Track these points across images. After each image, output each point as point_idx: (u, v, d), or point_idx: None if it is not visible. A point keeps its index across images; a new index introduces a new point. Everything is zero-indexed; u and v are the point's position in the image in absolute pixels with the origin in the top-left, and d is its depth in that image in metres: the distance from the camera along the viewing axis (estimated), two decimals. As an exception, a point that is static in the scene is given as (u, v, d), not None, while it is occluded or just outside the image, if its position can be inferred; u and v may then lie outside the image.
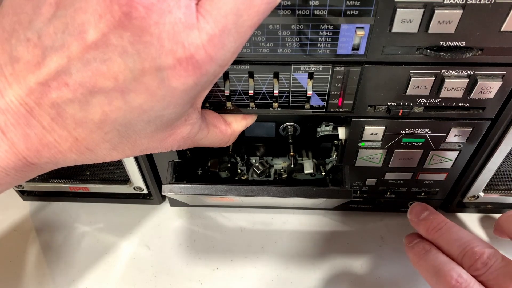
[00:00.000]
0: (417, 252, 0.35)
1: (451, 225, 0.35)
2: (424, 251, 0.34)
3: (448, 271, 0.31)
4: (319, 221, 0.51)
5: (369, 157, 0.40)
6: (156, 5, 0.19)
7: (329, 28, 0.28)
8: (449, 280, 0.30)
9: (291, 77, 0.32)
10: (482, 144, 0.38)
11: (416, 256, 0.35)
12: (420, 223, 0.37)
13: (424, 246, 0.35)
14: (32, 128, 0.22)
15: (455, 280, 0.30)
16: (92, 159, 0.25)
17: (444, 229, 0.35)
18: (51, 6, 0.20)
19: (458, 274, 0.30)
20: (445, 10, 0.27)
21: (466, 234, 0.33)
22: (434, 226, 0.35)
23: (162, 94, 0.22)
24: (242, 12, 0.21)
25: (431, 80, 0.32)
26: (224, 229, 0.51)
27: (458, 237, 0.33)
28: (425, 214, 0.37)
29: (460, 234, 0.33)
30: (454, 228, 0.34)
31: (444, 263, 0.32)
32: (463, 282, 0.30)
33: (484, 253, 0.31)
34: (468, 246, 0.32)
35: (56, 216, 0.53)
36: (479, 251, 0.31)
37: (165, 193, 0.38)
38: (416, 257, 0.35)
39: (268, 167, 0.46)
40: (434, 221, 0.35)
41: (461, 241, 0.33)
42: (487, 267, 0.30)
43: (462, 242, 0.32)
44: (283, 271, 0.46)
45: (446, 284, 0.30)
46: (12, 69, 0.21)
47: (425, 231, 0.36)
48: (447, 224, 0.35)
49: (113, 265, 0.48)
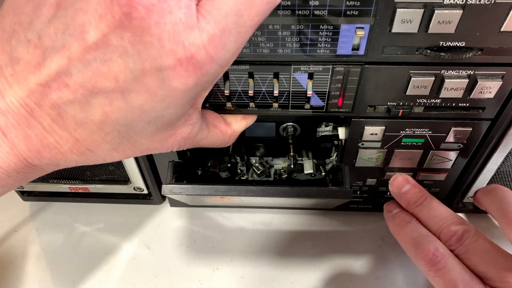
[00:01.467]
0: (398, 223, 0.36)
1: (430, 200, 0.36)
2: (404, 222, 0.36)
3: (426, 243, 0.33)
4: (319, 221, 0.51)
5: (369, 157, 0.40)
6: (157, 6, 0.19)
7: (329, 28, 0.28)
8: (427, 252, 0.32)
9: (291, 77, 0.33)
10: (482, 144, 0.38)
11: (397, 226, 0.36)
12: (402, 196, 0.38)
13: (404, 217, 0.36)
14: (33, 129, 0.22)
15: (432, 253, 0.32)
16: (93, 160, 0.25)
17: (424, 203, 0.36)
18: (52, 6, 0.20)
19: (435, 248, 0.32)
20: (445, 10, 0.27)
21: (444, 211, 0.35)
22: (415, 201, 0.36)
23: (162, 94, 0.22)
24: (243, 12, 0.21)
25: (431, 80, 0.32)
26: (224, 229, 0.51)
27: (436, 214, 0.35)
28: (406, 188, 0.37)
29: (439, 211, 0.35)
30: (433, 203, 0.36)
31: (423, 236, 0.34)
32: (439, 255, 0.32)
33: (458, 230, 0.33)
34: (445, 223, 0.34)
35: (56, 216, 0.53)
36: (454, 228, 0.33)
37: (165, 193, 0.38)
38: (396, 227, 0.36)
39: (268, 167, 0.46)
40: (415, 195, 0.37)
41: (439, 218, 0.34)
42: (460, 243, 0.33)
43: (440, 219, 0.34)
44: (283, 271, 0.46)
45: (424, 256, 0.32)
46: (12, 70, 0.21)
47: (405, 204, 0.37)
48: (427, 199, 0.36)
49: (113, 265, 0.48)
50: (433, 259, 0.32)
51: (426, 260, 0.32)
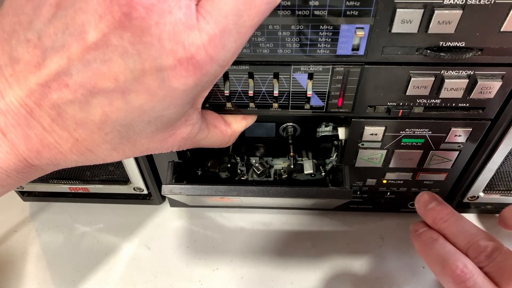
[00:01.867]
0: (424, 241, 0.35)
1: (458, 216, 0.35)
2: (431, 240, 0.35)
3: (454, 261, 0.31)
4: (319, 221, 0.51)
5: (369, 157, 0.40)
6: (157, 6, 0.19)
7: (329, 28, 0.28)
8: (455, 269, 0.31)
9: (291, 77, 0.33)
10: (482, 144, 0.38)
11: (423, 244, 0.35)
12: (427, 213, 0.37)
13: (431, 235, 0.35)
14: (33, 129, 0.22)
15: (460, 270, 0.31)
16: (93, 160, 0.25)
17: (451, 220, 0.35)
18: (52, 6, 0.20)
19: (464, 265, 0.31)
20: (445, 10, 0.27)
21: (472, 227, 0.34)
22: (442, 217, 0.35)
23: (162, 95, 0.22)
24: (243, 13, 0.21)
25: (431, 80, 0.32)
26: (224, 229, 0.51)
27: (464, 230, 0.34)
28: (432, 205, 0.36)
29: (466, 227, 0.34)
30: (461, 220, 0.35)
31: (451, 253, 0.32)
32: (468, 273, 0.30)
33: (488, 246, 0.31)
34: (473, 239, 0.32)
35: (56, 216, 0.53)
36: (484, 244, 0.32)
37: (165, 194, 0.38)
38: (423, 245, 0.35)
39: (268, 167, 0.46)
40: (442, 212, 0.36)
41: (467, 234, 0.33)
42: (490, 260, 0.31)
43: (468, 235, 0.33)
44: (283, 271, 0.46)
45: (451, 273, 0.31)
46: (12, 70, 0.21)
47: (431, 221, 0.36)
48: (454, 215, 0.35)
49: (113, 266, 0.48)
50: (461, 276, 0.30)
51: (454, 277, 0.31)
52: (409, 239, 0.49)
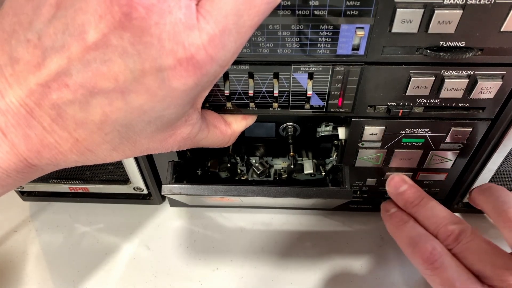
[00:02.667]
0: (395, 223, 0.37)
1: (428, 200, 0.36)
2: (402, 222, 0.36)
3: (423, 243, 0.33)
4: (319, 221, 0.51)
5: (369, 157, 0.40)
6: (156, 6, 0.19)
7: (329, 28, 0.28)
8: (424, 251, 0.33)
9: (291, 77, 0.32)
10: (482, 144, 0.38)
11: (394, 226, 0.37)
12: (399, 196, 0.38)
13: (402, 217, 0.37)
14: (33, 129, 0.22)
15: (430, 252, 0.32)
16: (93, 160, 0.25)
17: (421, 204, 0.36)
18: (52, 6, 0.20)
19: (433, 247, 0.33)
20: (445, 10, 0.27)
21: (441, 210, 0.35)
22: (412, 201, 0.37)
23: (162, 95, 0.22)
24: (243, 13, 0.21)
25: (431, 80, 0.32)
26: (224, 229, 0.51)
27: (433, 214, 0.35)
28: (403, 188, 0.38)
29: (436, 211, 0.35)
30: (431, 203, 0.36)
31: (420, 235, 0.34)
32: (436, 254, 0.32)
33: (455, 229, 0.33)
34: (442, 223, 0.34)
35: (56, 216, 0.53)
36: (451, 228, 0.33)
37: (165, 194, 0.38)
38: (394, 227, 0.37)
39: (268, 167, 0.46)
40: (412, 195, 0.37)
41: (436, 217, 0.35)
42: (457, 242, 0.33)
43: (437, 219, 0.35)
44: (283, 271, 0.46)
45: (421, 255, 0.33)
46: (12, 70, 0.21)
47: (403, 204, 0.37)
48: (424, 199, 0.36)
49: (113, 266, 0.48)
50: (430, 258, 0.32)
51: (424, 258, 0.33)
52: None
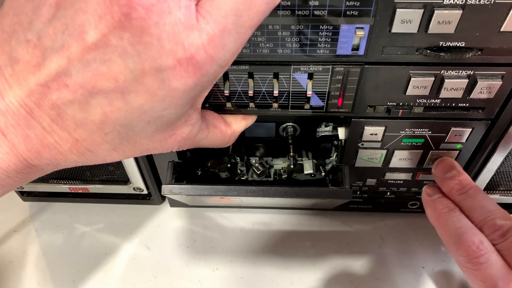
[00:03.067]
0: (439, 209, 0.34)
1: (477, 189, 0.34)
2: (446, 210, 0.34)
3: (470, 236, 0.31)
4: (319, 221, 0.51)
5: (369, 157, 0.40)
6: (156, 6, 0.19)
7: (328, 28, 0.28)
8: (470, 245, 0.30)
9: (291, 77, 0.32)
10: (482, 144, 0.38)
11: (437, 213, 0.34)
12: (445, 181, 0.35)
13: (448, 205, 0.34)
14: (32, 129, 0.22)
15: (476, 246, 0.30)
16: (93, 160, 0.25)
17: (469, 193, 0.34)
18: (51, 7, 0.20)
19: (480, 241, 0.30)
20: (444, 10, 0.27)
21: (490, 203, 0.33)
22: (459, 188, 0.34)
23: (162, 95, 0.22)
24: (242, 13, 0.21)
25: (431, 80, 0.32)
26: (224, 229, 0.51)
27: (481, 205, 0.33)
28: (452, 173, 0.35)
29: (484, 202, 0.33)
30: (480, 194, 0.34)
31: (467, 227, 0.32)
32: (483, 249, 0.30)
33: (504, 225, 0.31)
34: (490, 216, 0.32)
35: (56, 216, 0.53)
36: (500, 223, 0.31)
37: (165, 194, 0.38)
38: (437, 214, 0.34)
39: (268, 167, 0.46)
40: (461, 182, 0.35)
41: (484, 209, 0.32)
42: (504, 238, 0.31)
43: (485, 211, 0.32)
44: (283, 271, 0.46)
45: (466, 247, 0.31)
46: (12, 70, 0.21)
47: (448, 190, 0.35)
48: (473, 188, 0.34)
49: (113, 266, 0.48)
50: (476, 252, 0.30)
51: (469, 252, 0.30)
52: (409, 239, 0.49)
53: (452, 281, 0.45)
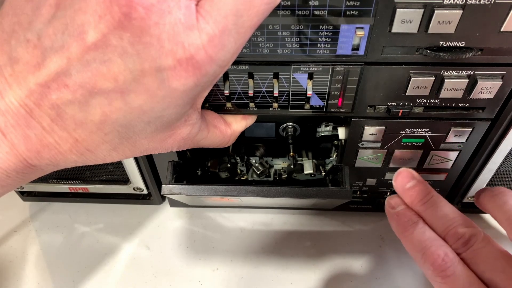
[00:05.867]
0: (403, 223, 0.34)
1: (437, 198, 0.34)
2: (410, 223, 0.33)
3: (435, 249, 0.31)
4: (319, 221, 0.51)
5: (369, 157, 0.40)
6: (156, 6, 0.19)
7: (329, 28, 0.28)
8: (436, 258, 0.30)
9: (291, 77, 0.32)
10: (482, 144, 0.38)
11: (401, 226, 0.34)
12: (405, 192, 0.35)
13: (411, 217, 0.34)
14: (32, 129, 0.22)
15: (442, 258, 0.30)
16: (92, 160, 0.25)
17: (429, 202, 0.34)
18: (51, 7, 0.20)
19: (445, 253, 0.31)
20: (445, 10, 0.27)
21: (451, 211, 0.33)
22: (421, 199, 0.34)
23: (162, 95, 0.22)
24: (242, 13, 0.21)
25: (431, 80, 0.32)
26: (224, 229, 0.51)
27: (443, 214, 0.33)
28: (411, 184, 0.35)
29: (445, 211, 0.33)
30: (440, 203, 0.34)
31: (431, 239, 0.32)
32: (448, 261, 0.30)
33: (466, 233, 0.31)
34: (452, 225, 0.32)
35: (56, 216, 0.53)
36: (461, 231, 0.31)
37: (165, 194, 0.38)
38: (401, 227, 0.34)
39: (268, 167, 0.46)
40: (421, 193, 0.34)
41: (446, 218, 0.32)
42: (467, 247, 0.31)
43: (446, 220, 0.32)
44: (283, 271, 0.46)
45: (432, 261, 0.31)
46: (11, 70, 0.21)
47: (410, 202, 0.35)
48: (433, 197, 0.34)
49: (113, 266, 0.47)
50: (442, 265, 0.30)
51: (435, 265, 0.30)
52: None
53: (452, 281, 0.45)
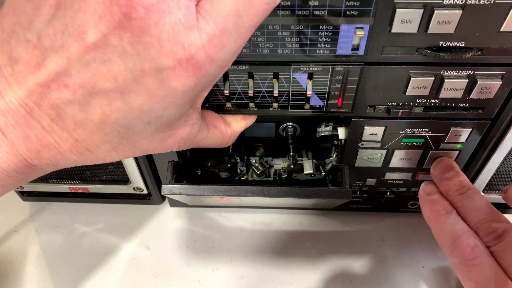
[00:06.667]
0: (437, 211, 0.34)
1: (474, 191, 0.34)
2: (444, 211, 0.34)
3: (465, 238, 0.31)
4: (319, 221, 0.51)
5: (369, 157, 0.40)
6: (156, 6, 0.19)
7: (328, 28, 0.28)
8: (465, 247, 0.31)
9: (291, 77, 0.32)
10: (482, 144, 0.38)
11: (435, 214, 0.34)
12: (443, 181, 0.35)
13: (445, 206, 0.34)
14: (32, 129, 0.22)
15: (471, 248, 0.31)
16: (92, 160, 0.25)
17: (467, 194, 0.34)
18: (51, 7, 0.20)
19: (475, 244, 0.31)
20: (444, 10, 0.27)
21: (486, 205, 0.33)
22: (458, 189, 0.34)
23: (162, 95, 0.22)
24: (242, 13, 0.21)
25: (430, 80, 0.32)
26: (224, 229, 0.51)
27: (478, 207, 0.33)
28: (451, 173, 0.35)
29: (481, 204, 0.33)
30: (476, 195, 0.34)
31: (463, 230, 0.32)
32: (477, 252, 0.30)
33: (499, 228, 0.31)
34: (485, 219, 0.32)
35: (56, 216, 0.53)
36: (495, 225, 0.31)
37: (165, 194, 0.38)
38: (435, 215, 0.34)
39: (268, 167, 0.46)
40: (459, 183, 0.35)
41: (480, 212, 0.33)
42: (498, 241, 0.31)
43: (480, 213, 0.32)
44: (283, 271, 0.46)
45: (461, 250, 0.31)
46: (11, 70, 0.21)
47: (446, 191, 0.35)
48: (470, 189, 0.34)
49: (112, 266, 0.47)
50: (471, 254, 0.30)
51: (464, 254, 0.31)
52: (409, 239, 0.49)
53: (452, 280, 0.45)
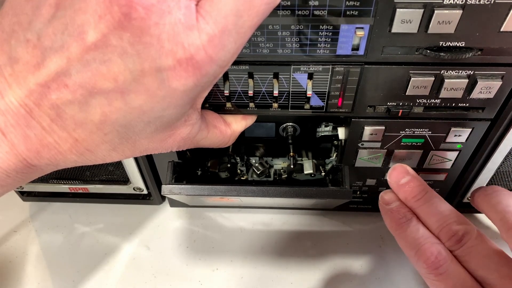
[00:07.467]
0: (397, 220, 0.34)
1: (431, 195, 0.34)
2: (404, 220, 0.33)
3: (428, 246, 0.31)
4: (319, 221, 0.51)
5: (369, 158, 0.40)
6: (156, 6, 0.19)
7: (328, 28, 0.28)
8: (429, 256, 0.31)
9: (291, 77, 0.32)
10: (482, 144, 0.38)
11: (395, 223, 0.34)
12: (400, 188, 0.35)
13: (405, 214, 0.34)
14: (32, 129, 0.22)
15: (435, 256, 0.30)
16: (92, 160, 0.25)
17: (424, 199, 0.34)
18: (51, 7, 0.20)
19: (438, 251, 0.31)
20: (444, 10, 0.27)
21: (445, 208, 0.33)
22: (415, 195, 0.34)
23: (162, 95, 0.22)
24: (242, 13, 0.21)
25: (430, 80, 0.32)
26: (224, 229, 0.51)
27: (437, 211, 0.33)
28: (405, 179, 0.35)
29: (440, 208, 0.33)
30: (434, 199, 0.34)
31: (425, 237, 0.32)
32: (441, 259, 0.30)
33: (459, 230, 0.31)
34: (446, 222, 0.32)
35: (56, 216, 0.53)
36: (455, 228, 0.31)
37: (165, 194, 0.38)
38: (395, 224, 0.34)
39: (268, 167, 0.46)
40: (416, 189, 0.34)
41: (440, 215, 0.32)
42: (460, 244, 0.31)
43: (440, 217, 0.32)
44: (283, 271, 0.46)
45: (425, 259, 0.31)
46: (11, 70, 0.21)
47: (404, 198, 0.35)
48: (427, 194, 0.34)
49: (112, 266, 0.47)
50: (435, 263, 0.30)
51: (428, 263, 0.31)
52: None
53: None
